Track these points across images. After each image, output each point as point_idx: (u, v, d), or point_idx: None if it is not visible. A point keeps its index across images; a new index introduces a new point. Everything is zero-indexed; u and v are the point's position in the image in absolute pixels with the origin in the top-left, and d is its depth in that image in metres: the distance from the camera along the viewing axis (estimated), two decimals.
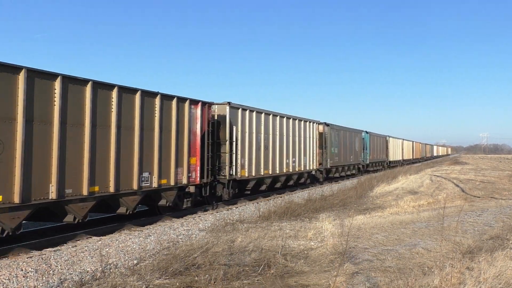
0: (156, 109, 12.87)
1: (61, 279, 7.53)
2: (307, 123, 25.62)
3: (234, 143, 17.15)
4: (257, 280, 7.22)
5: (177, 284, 6.98)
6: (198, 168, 14.92)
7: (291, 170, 22.87)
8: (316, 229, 11.02)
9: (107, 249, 9.67)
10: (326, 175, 29.77)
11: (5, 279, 7.42)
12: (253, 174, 18.88)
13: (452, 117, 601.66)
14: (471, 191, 23.10)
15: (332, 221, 11.99)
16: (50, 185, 9.58)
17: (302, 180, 25.47)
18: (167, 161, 13.36)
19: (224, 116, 16.98)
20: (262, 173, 19.68)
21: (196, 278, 7.14)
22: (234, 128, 17.27)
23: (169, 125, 13.49)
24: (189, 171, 14.39)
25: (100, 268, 7.92)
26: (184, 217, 14.43)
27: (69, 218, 10.40)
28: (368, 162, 41.14)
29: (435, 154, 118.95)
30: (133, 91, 12.04)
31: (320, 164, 27.70)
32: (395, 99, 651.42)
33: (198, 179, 14.93)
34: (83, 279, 7.36)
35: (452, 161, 78.00)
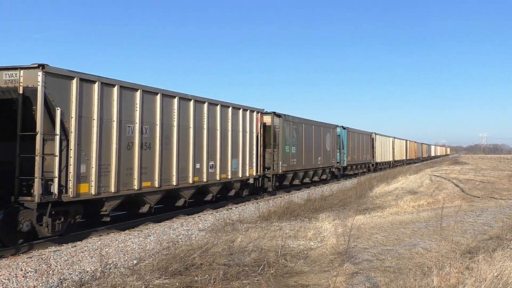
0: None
1: (60, 279, 7.53)
2: (242, 111, 18.03)
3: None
4: (257, 280, 7.23)
5: (177, 284, 6.98)
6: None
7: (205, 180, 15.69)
8: (316, 229, 11.02)
9: (107, 249, 9.67)
10: (279, 182, 22.62)
11: (5, 279, 7.42)
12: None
13: (452, 117, 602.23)
14: (470, 191, 23.11)
15: (332, 221, 11.99)
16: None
17: (232, 193, 18.04)
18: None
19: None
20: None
21: (195, 278, 7.15)
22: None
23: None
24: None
25: (100, 268, 7.92)
26: (184, 217, 14.44)
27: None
28: (346, 165, 33.84)
29: (432, 154, 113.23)
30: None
31: (266, 168, 20.70)
32: (395, 99, 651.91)
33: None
34: (82, 279, 7.36)
35: (452, 161, 78.04)
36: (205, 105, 15.52)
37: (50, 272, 7.93)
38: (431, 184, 27.21)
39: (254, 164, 19.11)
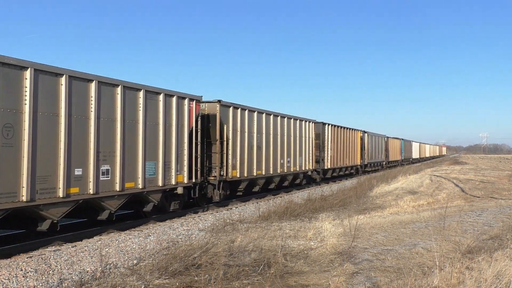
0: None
1: (60, 279, 7.53)
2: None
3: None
4: (257, 280, 7.23)
5: (177, 284, 6.98)
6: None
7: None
8: (316, 229, 11.02)
9: (106, 249, 9.67)
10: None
11: (5, 279, 7.42)
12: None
13: (452, 117, 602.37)
14: (471, 191, 23.11)
15: (332, 221, 11.99)
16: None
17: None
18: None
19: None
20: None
21: (195, 278, 7.15)
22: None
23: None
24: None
25: (100, 268, 7.92)
26: (184, 217, 14.44)
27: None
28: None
29: (416, 155, 78.98)
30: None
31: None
32: (395, 99, 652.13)
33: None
34: (83, 279, 7.36)
35: (452, 161, 78.05)
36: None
37: (50, 272, 7.93)
38: (431, 184, 27.21)
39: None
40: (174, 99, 13.89)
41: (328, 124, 29.81)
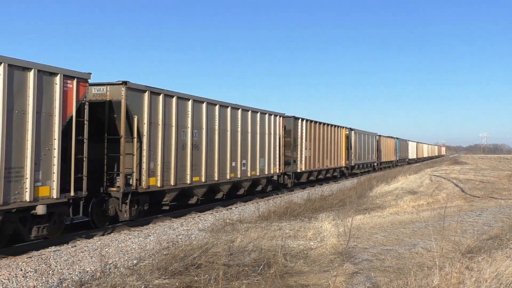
0: None
1: (60, 279, 7.53)
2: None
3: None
4: (257, 280, 7.23)
5: (177, 284, 6.98)
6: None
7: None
8: (316, 229, 11.01)
9: (106, 249, 9.67)
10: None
11: (5, 279, 7.42)
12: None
13: (452, 117, 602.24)
14: (470, 191, 23.11)
15: (332, 221, 11.99)
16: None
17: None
18: None
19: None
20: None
21: (195, 278, 7.15)
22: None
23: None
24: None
25: (100, 268, 7.92)
26: (184, 217, 14.44)
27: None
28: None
29: (412, 155, 73.47)
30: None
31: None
32: (395, 99, 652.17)
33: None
34: (82, 279, 7.36)
35: (452, 161, 78.06)
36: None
37: (50, 272, 7.93)
38: (431, 184, 27.21)
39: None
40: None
41: (302, 119, 24.88)
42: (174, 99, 14.07)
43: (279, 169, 21.66)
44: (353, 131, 35.45)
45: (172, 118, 13.98)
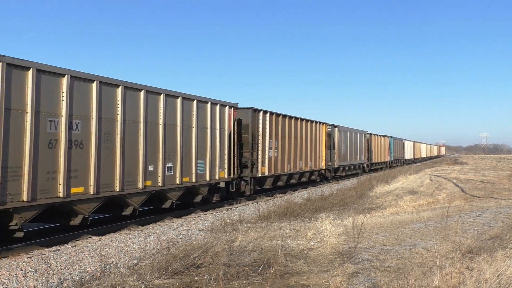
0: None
1: (60, 279, 7.53)
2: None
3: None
4: (257, 280, 7.23)
5: (177, 284, 6.98)
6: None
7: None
8: (316, 229, 11.01)
9: (107, 249, 9.67)
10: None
11: (5, 279, 7.42)
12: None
13: (452, 117, 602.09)
14: (471, 191, 23.11)
15: (332, 221, 11.99)
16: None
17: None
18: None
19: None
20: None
21: (196, 278, 7.15)
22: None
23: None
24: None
25: (100, 268, 7.92)
26: (184, 217, 14.44)
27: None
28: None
29: (408, 155, 66.96)
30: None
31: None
32: (395, 99, 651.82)
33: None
34: (83, 279, 7.36)
35: (452, 161, 78.05)
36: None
37: (50, 272, 7.93)
38: (431, 184, 27.21)
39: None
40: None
41: (265, 112, 20.14)
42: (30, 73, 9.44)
43: (230, 173, 17.26)
44: (336, 128, 30.65)
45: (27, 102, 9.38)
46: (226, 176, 16.93)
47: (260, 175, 19.64)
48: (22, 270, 7.94)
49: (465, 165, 57.08)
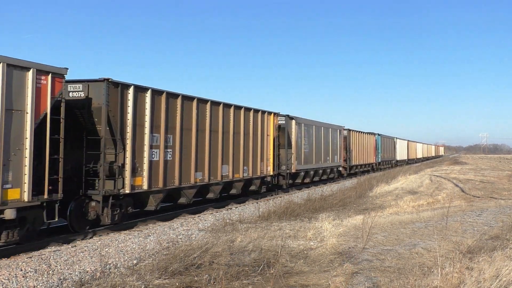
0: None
1: (60, 279, 7.53)
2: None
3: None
4: (257, 280, 7.23)
5: (177, 284, 6.98)
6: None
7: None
8: (316, 229, 11.01)
9: (106, 249, 9.67)
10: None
11: (5, 279, 7.42)
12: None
13: (452, 117, 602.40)
14: (470, 191, 23.11)
15: (332, 221, 11.99)
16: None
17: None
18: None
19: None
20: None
21: (195, 278, 7.15)
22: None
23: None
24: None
25: (100, 268, 7.92)
26: (184, 217, 14.43)
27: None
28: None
29: (402, 156, 59.21)
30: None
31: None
32: (395, 99, 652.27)
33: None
34: (82, 279, 7.36)
35: (452, 161, 78.07)
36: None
37: (50, 272, 7.93)
38: (431, 184, 27.21)
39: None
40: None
41: (154, 91, 13.29)
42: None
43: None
44: (293, 121, 23.81)
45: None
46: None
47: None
48: (22, 270, 7.94)
49: (465, 165, 57.11)
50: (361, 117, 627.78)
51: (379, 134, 45.34)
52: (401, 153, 58.67)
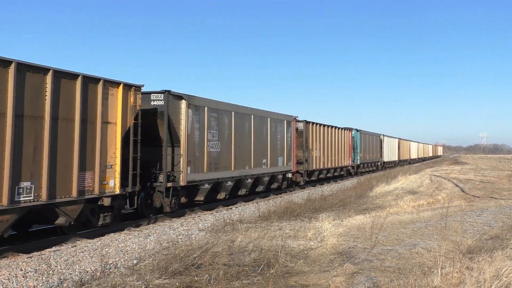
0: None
1: (60, 279, 7.53)
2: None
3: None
4: (257, 280, 7.23)
5: (177, 284, 6.98)
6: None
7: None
8: (316, 229, 11.02)
9: (106, 249, 9.67)
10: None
11: (5, 279, 7.42)
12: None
13: (452, 117, 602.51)
14: (470, 191, 23.11)
15: (332, 221, 11.99)
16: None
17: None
18: None
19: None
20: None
21: (195, 278, 7.15)
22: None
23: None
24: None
25: (100, 268, 7.92)
26: (184, 217, 14.43)
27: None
28: None
29: (384, 157, 48.44)
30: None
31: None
32: (395, 99, 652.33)
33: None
34: (83, 279, 7.36)
35: (452, 161, 78.03)
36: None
37: (50, 272, 7.92)
38: (431, 184, 27.21)
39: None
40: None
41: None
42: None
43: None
44: (183, 101, 14.76)
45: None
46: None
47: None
48: (22, 270, 7.94)
49: (465, 165, 57.09)
50: (365, 119, 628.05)
51: (357, 130, 37.30)
52: (389, 153, 50.95)
